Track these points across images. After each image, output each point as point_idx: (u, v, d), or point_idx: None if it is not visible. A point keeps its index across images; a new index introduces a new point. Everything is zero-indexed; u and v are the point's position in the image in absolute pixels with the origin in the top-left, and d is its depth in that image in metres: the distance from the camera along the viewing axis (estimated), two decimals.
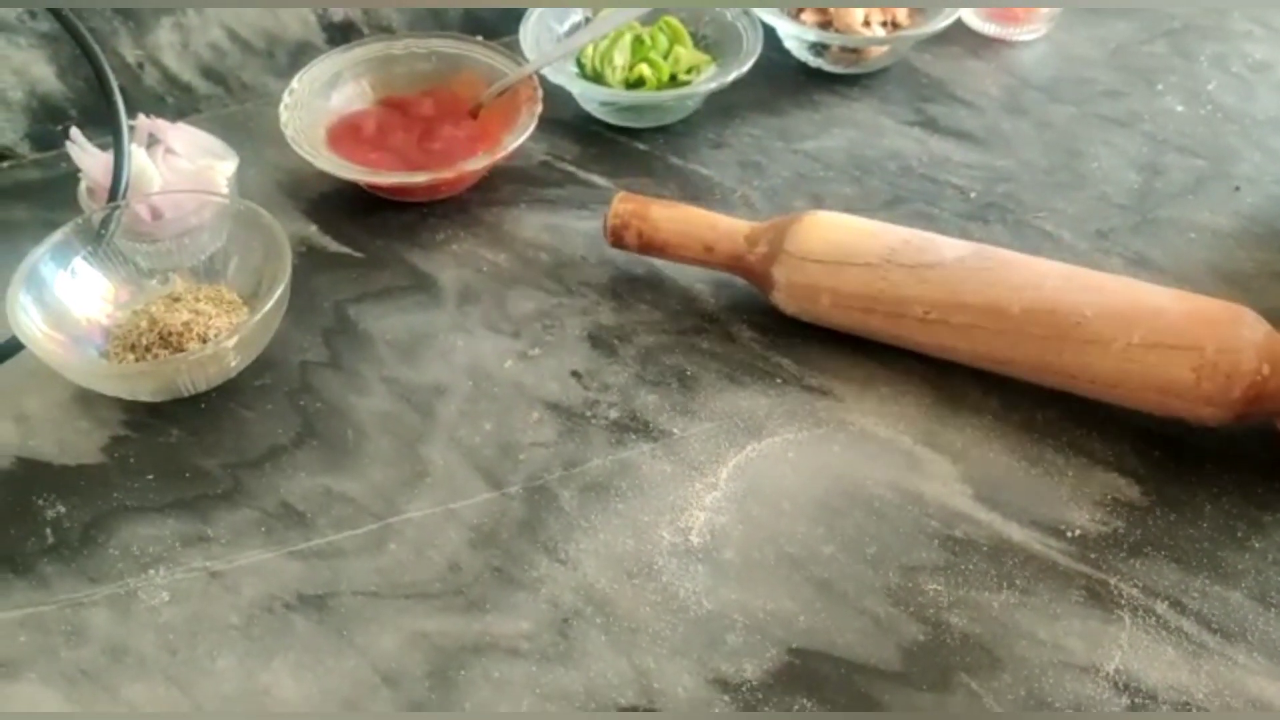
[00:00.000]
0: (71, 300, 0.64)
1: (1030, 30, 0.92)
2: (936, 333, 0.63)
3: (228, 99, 0.84)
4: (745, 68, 0.80)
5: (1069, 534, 0.58)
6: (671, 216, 0.68)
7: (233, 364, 0.63)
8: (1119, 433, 0.63)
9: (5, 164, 0.78)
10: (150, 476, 0.60)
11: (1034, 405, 0.64)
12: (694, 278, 0.72)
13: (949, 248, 0.65)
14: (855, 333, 0.66)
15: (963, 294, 0.62)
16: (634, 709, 0.51)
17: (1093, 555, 0.57)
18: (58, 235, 0.64)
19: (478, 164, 0.73)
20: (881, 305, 0.64)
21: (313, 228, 0.75)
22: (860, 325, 0.66)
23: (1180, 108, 0.86)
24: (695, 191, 0.78)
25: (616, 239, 0.69)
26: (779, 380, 0.65)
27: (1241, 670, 0.53)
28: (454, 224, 0.75)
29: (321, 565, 0.56)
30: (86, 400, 0.63)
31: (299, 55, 0.83)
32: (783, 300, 0.67)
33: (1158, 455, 0.62)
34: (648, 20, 0.82)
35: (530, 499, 0.59)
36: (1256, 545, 0.57)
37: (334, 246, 0.74)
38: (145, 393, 0.62)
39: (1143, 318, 0.59)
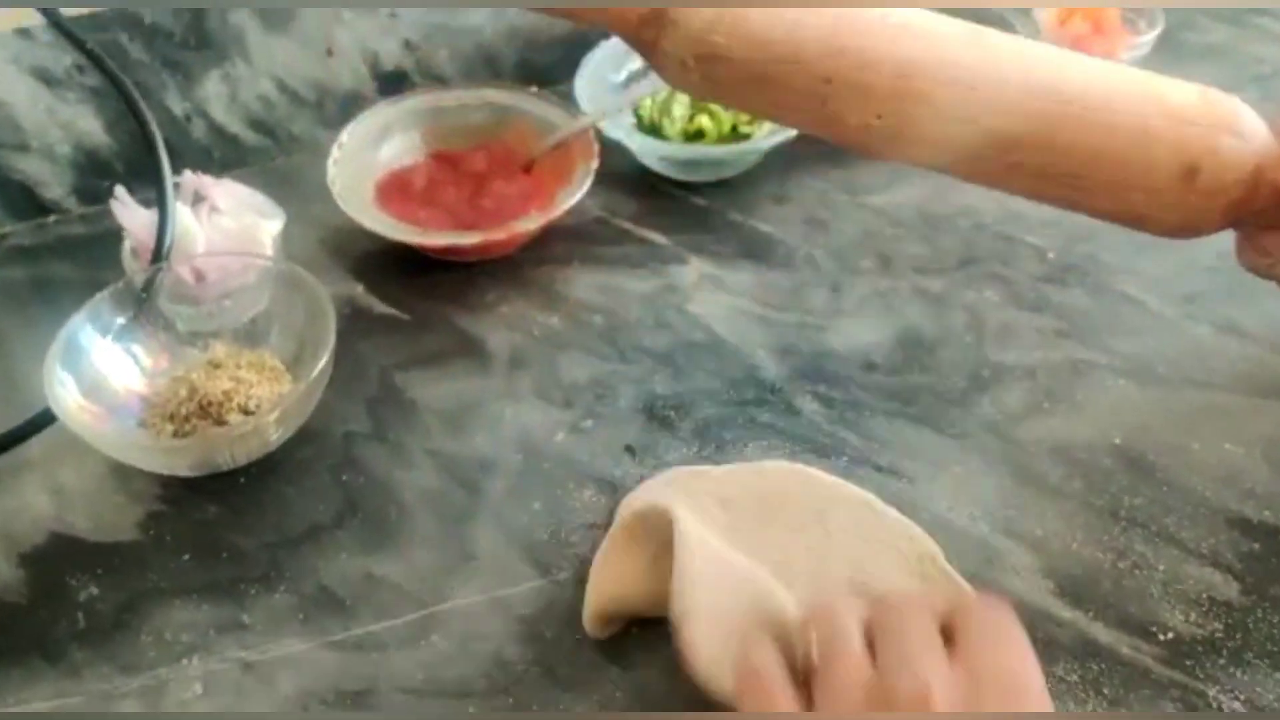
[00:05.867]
0: (109, 369, 0.62)
1: None
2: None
3: (275, 151, 0.82)
4: None
5: (1161, 637, 0.54)
6: None
7: (274, 437, 0.60)
8: (1212, 523, 0.58)
9: (51, 219, 0.77)
10: (186, 556, 0.58)
11: (1120, 490, 0.60)
12: (756, 344, 0.68)
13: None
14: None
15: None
16: None
17: (1188, 662, 0.53)
18: (97, 300, 0.62)
19: (530, 224, 0.71)
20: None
21: (359, 287, 0.72)
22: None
23: None
24: (757, 250, 0.75)
25: None
26: (845, 458, 0.62)
27: None
28: (504, 284, 0.72)
29: (360, 658, 0.54)
30: (123, 473, 0.61)
31: (349, 106, 0.81)
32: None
33: (1256, 549, 0.57)
34: None
35: (581, 587, 0.56)
36: None
37: (380, 308, 0.71)
38: (183, 467, 0.60)
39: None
